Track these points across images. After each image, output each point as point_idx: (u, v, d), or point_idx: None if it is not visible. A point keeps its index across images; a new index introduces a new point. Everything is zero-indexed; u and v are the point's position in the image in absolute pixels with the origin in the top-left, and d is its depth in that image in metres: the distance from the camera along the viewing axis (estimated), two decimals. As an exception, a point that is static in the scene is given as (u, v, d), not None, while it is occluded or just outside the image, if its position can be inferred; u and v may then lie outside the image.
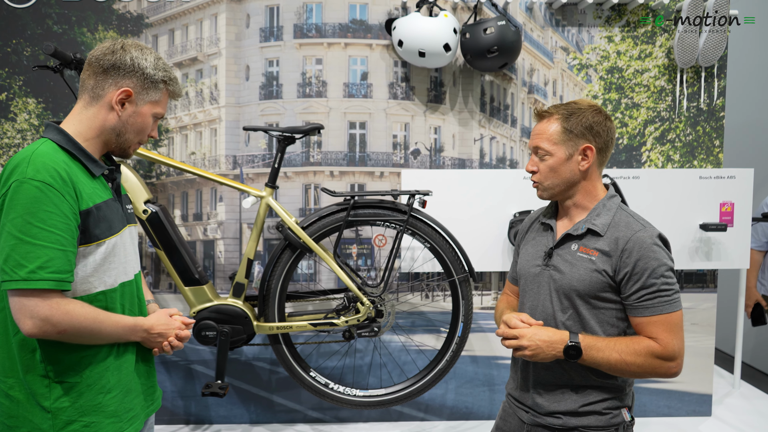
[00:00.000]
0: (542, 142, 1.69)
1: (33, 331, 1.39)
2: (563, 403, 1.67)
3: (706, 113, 3.02)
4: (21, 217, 1.36)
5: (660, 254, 1.58)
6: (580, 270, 1.65)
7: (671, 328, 1.57)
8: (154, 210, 2.48)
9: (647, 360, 1.57)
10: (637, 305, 1.60)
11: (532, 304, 1.76)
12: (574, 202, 1.73)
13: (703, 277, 3.13)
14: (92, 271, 1.49)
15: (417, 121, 2.98)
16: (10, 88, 2.86)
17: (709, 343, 3.10)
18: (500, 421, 1.88)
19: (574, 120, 1.67)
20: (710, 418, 3.10)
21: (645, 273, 1.57)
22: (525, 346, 1.61)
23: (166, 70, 1.59)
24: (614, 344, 1.59)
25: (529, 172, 1.75)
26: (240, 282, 2.57)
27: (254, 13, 2.91)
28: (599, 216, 1.67)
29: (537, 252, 1.79)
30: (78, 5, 2.83)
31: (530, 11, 2.98)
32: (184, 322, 1.71)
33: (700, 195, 2.97)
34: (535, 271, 1.76)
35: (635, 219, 1.67)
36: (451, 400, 3.07)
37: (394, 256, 2.56)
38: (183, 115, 2.93)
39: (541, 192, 1.74)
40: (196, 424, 3.01)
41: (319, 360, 3.00)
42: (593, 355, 1.58)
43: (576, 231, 1.69)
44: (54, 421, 1.46)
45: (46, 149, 1.44)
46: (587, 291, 1.64)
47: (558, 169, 1.68)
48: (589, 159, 1.68)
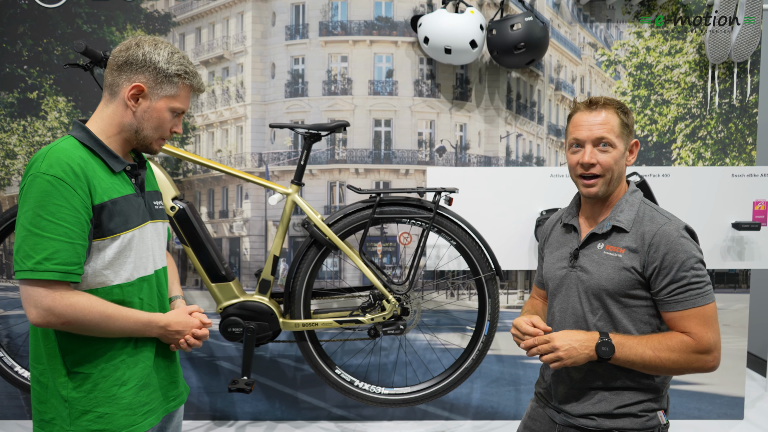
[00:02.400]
0: (608, 133, 1.63)
1: (37, 320, 1.42)
2: (598, 404, 1.64)
3: (738, 110, 2.96)
4: (32, 209, 1.39)
5: (688, 246, 1.56)
6: (608, 269, 1.62)
7: (705, 321, 1.54)
8: (182, 207, 2.50)
9: (682, 355, 1.54)
10: (669, 300, 1.57)
11: (562, 307, 1.73)
12: (608, 197, 1.69)
13: (735, 277, 3.06)
14: (107, 264, 1.50)
15: (442, 118, 2.96)
16: (41, 87, 2.90)
17: (741, 345, 3.03)
18: (529, 420, 1.85)
19: (630, 116, 1.68)
20: (742, 421, 3.04)
21: (674, 266, 1.54)
22: (557, 347, 1.56)
23: (182, 64, 1.57)
24: (647, 341, 1.56)
25: (588, 164, 1.64)
26: (266, 279, 2.58)
27: (280, 11, 2.91)
28: (623, 212, 1.65)
29: (562, 254, 1.76)
30: (107, 5, 2.87)
31: (557, 7, 2.95)
32: (203, 321, 1.71)
33: (733, 193, 2.91)
34: (561, 274, 1.74)
35: (660, 212, 1.64)
36: (477, 399, 3.04)
37: (419, 254, 2.55)
38: (209, 112, 2.95)
39: (598, 188, 1.65)
40: (222, 419, 3.03)
41: (343, 357, 3.00)
42: (626, 353, 1.55)
43: (601, 229, 1.66)
44: (71, 410, 1.49)
45: (65, 145, 1.46)
46: (617, 290, 1.61)
47: (620, 162, 1.65)
48: (635, 155, 1.69)
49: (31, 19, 2.86)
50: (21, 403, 2.99)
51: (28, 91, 2.90)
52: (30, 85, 2.90)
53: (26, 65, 2.89)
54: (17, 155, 2.94)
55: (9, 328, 2.97)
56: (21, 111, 2.91)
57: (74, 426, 1.48)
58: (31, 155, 2.94)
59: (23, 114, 2.92)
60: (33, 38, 2.87)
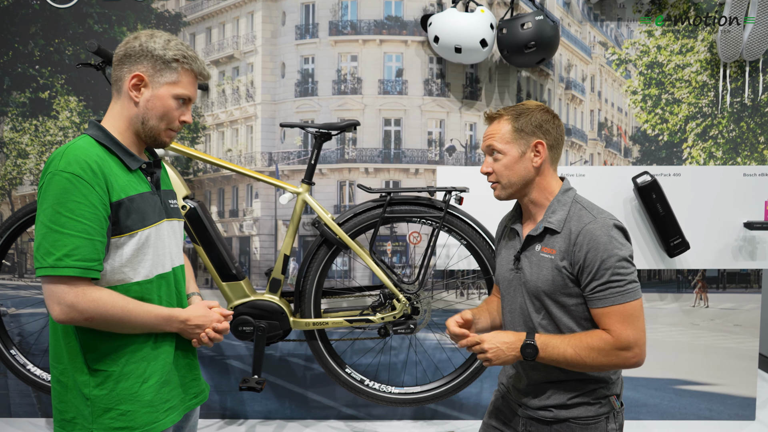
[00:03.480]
0: (495, 142, 1.74)
1: (60, 317, 1.42)
2: (552, 397, 1.71)
3: (750, 109, 2.94)
4: (51, 207, 1.40)
5: (610, 245, 1.59)
6: (543, 270, 1.69)
7: (624, 318, 1.58)
8: (192, 206, 2.51)
9: (602, 352, 1.59)
10: (591, 297, 1.62)
11: (511, 307, 1.81)
12: (531, 199, 1.76)
13: (746, 277, 3.04)
14: (125, 261, 1.51)
15: (452, 117, 2.96)
16: (53, 87, 2.92)
17: (753, 345, 3.02)
18: (494, 409, 1.93)
19: (523, 119, 1.73)
20: (754, 422, 3.02)
21: (594, 265, 1.59)
22: (485, 349, 1.65)
23: (179, 49, 1.56)
24: (569, 340, 1.62)
25: (484, 173, 1.78)
26: (276, 278, 2.59)
27: (290, 11, 2.92)
28: (554, 213, 1.71)
29: (509, 256, 1.83)
30: (118, 5, 2.88)
31: (568, 6, 2.94)
32: (223, 314, 1.72)
33: (745, 192, 2.89)
34: (509, 276, 1.81)
35: (588, 210, 1.68)
36: (486, 399, 3.03)
37: (430, 253, 2.55)
38: (220, 112, 2.96)
39: (499, 191, 1.78)
40: (232, 418, 3.04)
41: (353, 357, 3.00)
42: (549, 353, 1.62)
43: (536, 231, 1.72)
44: (93, 408, 1.49)
45: (82, 144, 1.48)
46: (552, 290, 1.67)
47: (513, 167, 1.73)
48: (541, 155, 1.72)
49: (42, 20, 2.88)
50: (33, 401, 3.00)
51: (39, 91, 2.92)
52: (42, 84, 2.92)
53: (38, 65, 2.90)
54: (29, 155, 2.96)
55: (21, 327, 2.99)
56: (33, 111, 2.93)
57: (96, 424, 1.49)
58: (42, 155, 2.96)
59: (35, 114, 2.93)
60: (45, 38, 2.89)
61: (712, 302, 3.04)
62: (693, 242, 2.88)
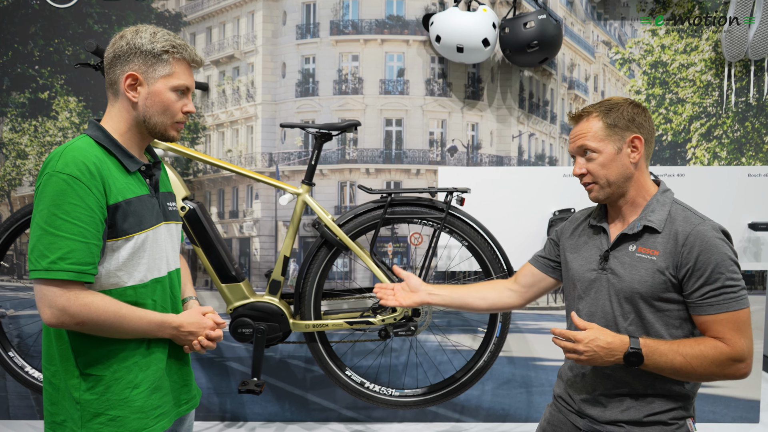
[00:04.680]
0: (588, 141, 1.64)
1: (51, 320, 1.40)
2: (626, 411, 1.60)
3: (755, 108, 2.91)
4: (47, 208, 1.38)
5: (723, 248, 1.51)
6: (640, 271, 1.58)
7: (739, 326, 1.49)
8: (192, 207, 2.49)
9: (715, 362, 1.49)
10: (702, 303, 1.52)
11: (591, 310, 1.68)
12: (627, 199, 1.66)
13: (751, 278, 3.01)
14: (120, 265, 1.49)
15: (454, 117, 2.93)
16: (52, 87, 2.90)
17: (757, 348, 2.98)
18: (547, 425, 1.80)
19: (614, 114, 1.63)
20: (758, 425, 2.99)
21: (708, 268, 1.50)
22: (581, 351, 1.52)
23: (167, 40, 1.53)
24: (678, 347, 1.51)
25: (578, 175, 1.69)
26: (276, 279, 2.57)
27: (291, 10, 2.90)
28: (654, 212, 1.61)
29: (591, 256, 1.71)
30: (118, 4, 2.87)
31: (571, 5, 2.91)
32: (216, 321, 1.69)
33: (749, 193, 2.86)
34: (591, 276, 1.69)
35: (693, 212, 1.60)
36: (488, 401, 3.01)
37: (431, 255, 2.53)
38: (220, 112, 2.94)
39: (596, 192, 1.67)
40: (231, 420, 3.02)
41: (353, 359, 2.98)
42: (656, 360, 1.50)
43: (632, 230, 1.62)
44: (83, 412, 1.47)
45: (81, 144, 1.45)
46: (650, 293, 1.56)
47: (610, 166, 1.63)
48: (639, 150, 1.64)
49: (42, 20, 2.86)
50: (31, 403, 2.99)
51: (39, 91, 2.91)
52: (41, 85, 2.90)
53: (37, 65, 2.89)
54: (28, 155, 2.94)
55: (20, 329, 2.97)
56: (32, 111, 2.92)
57: (85, 428, 1.47)
58: (42, 155, 2.94)
59: (34, 114, 2.92)
60: (44, 38, 2.87)
61: (717, 304, 3.01)
62: (697, 243, 2.85)
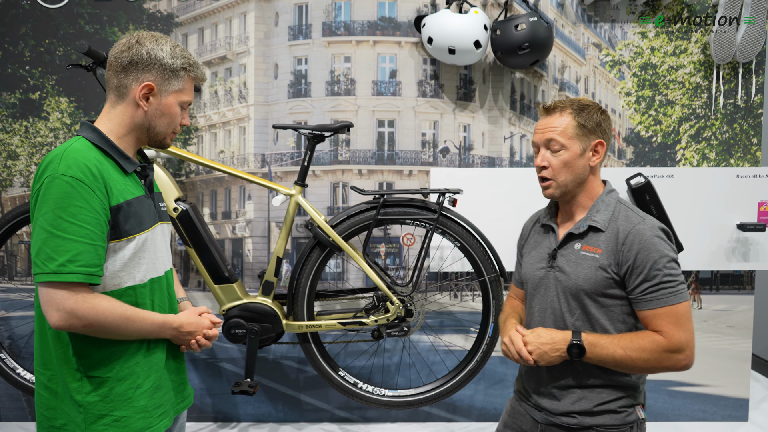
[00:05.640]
0: (557, 135, 1.67)
1: (59, 323, 1.40)
2: (578, 403, 1.67)
3: (743, 110, 2.94)
4: (52, 211, 1.38)
5: (661, 246, 1.57)
6: (585, 269, 1.65)
7: (677, 319, 1.56)
8: (185, 208, 2.49)
9: (653, 354, 1.56)
10: (642, 298, 1.59)
11: (541, 307, 1.76)
12: (578, 200, 1.72)
13: (739, 278, 3.05)
14: (122, 266, 1.50)
15: (446, 119, 2.95)
16: (43, 88, 2.89)
17: (745, 346, 3.02)
18: (509, 418, 1.87)
19: (585, 115, 1.67)
20: (747, 423, 3.02)
21: (647, 265, 1.57)
22: (530, 350, 1.62)
23: (185, 57, 1.57)
24: (618, 340, 1.59)
25: (540, 167, 1.71)
26: (269, 280, 2.57)
27: (283, 12, 2.90)
28: (599, 212, 1.68)
29: (540, 254, 1.79)
30: (109, 5, 2.86)
31: (562, 7, 2.94)
32: (213, 321, 1.72)
33: (738, 194, 2.89)
34: (540, 274, 1.76)
35: (634, 212, 1.66)
36: (480, 401, 3.03)
37: (423, 255, 2.54)
38: (212, 113, 2.94)
39: (552, 190, 1.71)
40: (224, 421, 3.02)
41: (347, 359, 2.98)
42: (597, 353, 1.58)
43: (578, 229, 1.69)
44: (86, 415, 1.47)
45: (79, 146, 1.45)
46: (594, 289, 1.64)
47: (572, 165, 1.67)
48: (599, 155, 1.69)
49: (33, 20, 2.85)
50: (23, 405, 2.98)
51: (30, 92, 2.89)
52: (32, 85, 2.89)
53: (28, 66, 2.88)
54: (19, 156, 2.93)
55: (11, 330, 2.96)
56: (23, 112, 2.90)
57: (89, 431, 1.47)
58: (33, 156, 2.93)
59: (25, 115, 2.91)
60: (35, 39, 2.86)
61: (705, 303, 3.04)
62: (686, 244, 2.88)
